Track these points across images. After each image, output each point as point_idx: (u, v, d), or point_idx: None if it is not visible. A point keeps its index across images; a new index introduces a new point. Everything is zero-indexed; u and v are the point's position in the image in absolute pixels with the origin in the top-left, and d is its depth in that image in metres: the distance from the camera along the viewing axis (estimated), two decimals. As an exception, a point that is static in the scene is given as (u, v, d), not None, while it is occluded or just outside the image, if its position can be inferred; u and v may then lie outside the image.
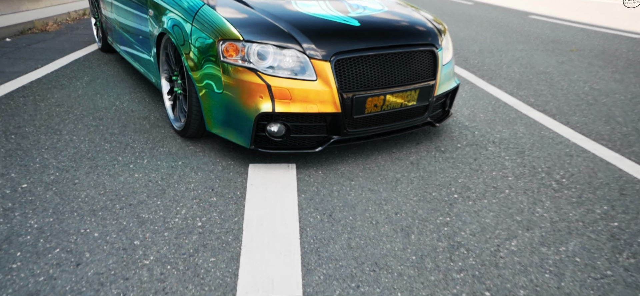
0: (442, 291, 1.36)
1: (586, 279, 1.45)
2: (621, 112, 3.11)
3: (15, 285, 1.32)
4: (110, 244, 1.52)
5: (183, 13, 2.17)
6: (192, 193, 1.86)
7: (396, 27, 2.17)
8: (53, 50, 4.26)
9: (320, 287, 1.36)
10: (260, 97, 1.86)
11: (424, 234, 1.65)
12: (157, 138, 2.40)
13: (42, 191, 1.84)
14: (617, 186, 2.07)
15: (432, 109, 2.31)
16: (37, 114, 2.67)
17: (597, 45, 5.67)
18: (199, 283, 1.36)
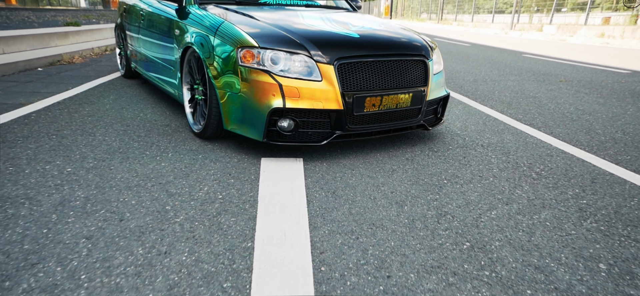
0: (429, 241, 1.60)
1: (553, 236, 1.67)
2: (601, 126, 3.38)
3: (73, 231, 1.58)
4: (146, 208, 1.78)
5: (206, 29, 2.54)
6: (212, 177, 2.13)
7: (392, 40, 2.51)
8: (80, 76, 4.67)
9: (325, 238, 1.60)
10: (273, 95, 2.17)
11: (416, 206, 1.89)
12: (179, 139, 2.70)
13: (84, 173, 2.12)
14: (589, 177, 2.31)
15: (424, 113, 2.61)
16: (73, 122, 2.99)
17: (585, 77, 6.03)
18: (223, 233, 1.61)
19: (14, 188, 1.93)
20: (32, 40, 5.30)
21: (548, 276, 1.42)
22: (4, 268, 1.37)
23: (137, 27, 3.91)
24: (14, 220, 1.65)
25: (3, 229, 1.59)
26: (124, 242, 1.53)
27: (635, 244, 1.64)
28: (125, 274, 1.35)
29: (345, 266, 1.44)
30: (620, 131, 3.24)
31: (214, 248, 1.51)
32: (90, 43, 6.43)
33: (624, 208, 1.94)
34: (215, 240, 1.57)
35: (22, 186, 1.95)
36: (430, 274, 1.41)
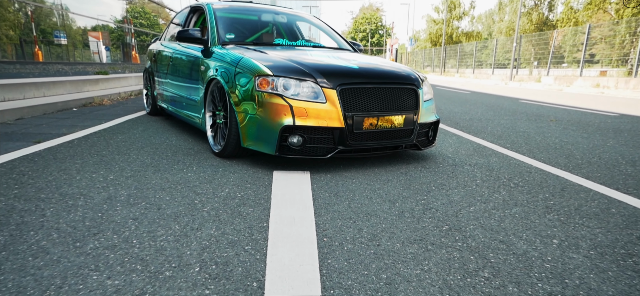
0: (414, 225, 1.93)
1: (519, 223, 1.99)
2: (580, 153, 3.72)
3: (122, 215, 1.95)
4: (178, 202, 2.14)
5: (228, 64, 3.01)
6: (232, 182, 2.50)
7: (386, 71, 2.95)
8: (111, 114, 5.18)
9: (327, 222, 1.94)
10: (284, 115, 2.59)
11: (405, 203, 2.23)
12: (202, 158, 3.09)
13: (124, 180, 2.50)
14: (560, 186, 2.64)
15: (417, 134, 2.99)
16: (109, 145, 3.42)
17: (574, 118, 6.41)
18: (243, 218, 1.95)
19: (70, 188, 2.31)
20: (68, 86, 5.93)
21: (509, 246, 1.73)
22: (73, 235, 1.72)
23: (165, 69, 4.44)
24: (74, 208, 2.02)
25: (67, 213, 1.96)
26: (164, 222, 1.88)
27: (587, 229, 1.95)
28: (166, 240, 1.70)
29: (343, 238, 1.77)
30: (597, 156, 3.57)
31: (236, 226, 1.86)
32: (117, 89, 7.05)
33: (584, 207, 2.26)
34: (236, 222, 1.91)
35: (76, 187, 2.33)
36: (412, 244, 1.73)
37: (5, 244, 1.62)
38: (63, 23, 10.44)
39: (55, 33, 10.66)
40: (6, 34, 8.57)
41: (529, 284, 1.45)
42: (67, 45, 10.94)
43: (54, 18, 10.04)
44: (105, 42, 14.71)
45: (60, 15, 10.17)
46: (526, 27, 31.77)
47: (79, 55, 11.30)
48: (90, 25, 11.83)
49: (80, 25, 11.11)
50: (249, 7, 4.29)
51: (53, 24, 9.94)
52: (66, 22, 10.57)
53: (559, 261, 1.61)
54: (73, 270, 1.45)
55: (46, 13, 9.94)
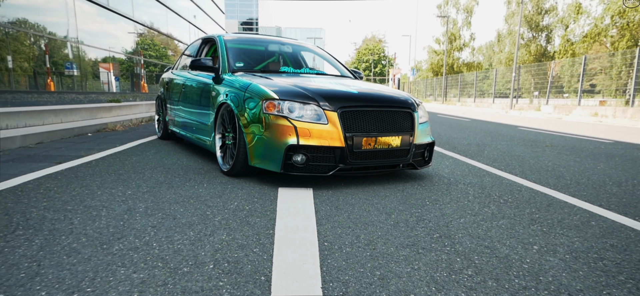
0: (407, 233, 2.11)
1: (504, 232, 2.17)
2: (570, 175, 3.90)
3: (142, 224, 2.15)
4: (191, 213, 2.35)
5: (237, 89, 3.26)
6: (240, 197, 2.70)
7: (383, 96, 3.19)
8: (124, 139, 5.44)
9: (328, 230, 2.13)
10: (289, 135, 2.81)
11: (401, 215, 2.41)
12: (211, 176, 3.31)
13: (141, 194, 2.71)
14: (546, 202, 2.82)
15: (413, 154, 3.20)
16: (125, 166, 3.65)
17: (569, 144, 6.61)
18: (251, 226, 2.15)
19: (92, 201, 2.53)
20: (84, 113, 6.24)
21: (493, 250, 1.91)
22: (99, 239, 1.93)
23: (177, 96, 4.72)
24: (98, 218, 2.23)
25: (92, 221, 2.16)
26: (179, 229, 2.08)
27: (566, 238, 2.12)
28: (183, 244, 1.89)
29: (343, 243, 1.96)
30: (586, 178, 3.75)
31: (245, 233, 2.05)
32: (129, 115, 7.36)
33: (566, 219, 2.43)
34: (245, 229, 2.10)
35: (98, 201, 2.55)
36: (405, 248, 1.91)
37: (41, 246, 1.82)
38: (76, 55, 10.86)
39: (67, 65, 11.15)
40: (20, 66, 9.07)
41: (506, 280, 1.62)
42: (78, 76, 11.40)
43: (66, 50, 10.53)
44: (115, 73, 15.19)
45: (73, 47, 10.61)
46: (525, 58, 32.40)
47: (89, 85, 11.70)
48: (101, 56, 12.24)
49: (92, 57, 11.52)
50: (256, 38, 4.60)
51: (65, 56, 10.43)
52: (78, 54, 10.99)
53: (536, 263, 1.79)
54: (103, 266, 1.64)
55: (59, 45, 10.39)
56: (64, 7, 11.27)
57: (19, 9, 9.54)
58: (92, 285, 1.49)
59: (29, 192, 2.70)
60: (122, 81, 16.06)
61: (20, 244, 1.83)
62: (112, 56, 14.80)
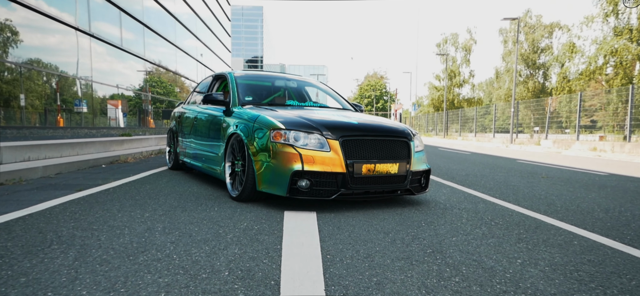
0: (403, 249, 2.32)
1: (492, 249, 2.38)
2: (561, 203, 4.10)
3: (161, 240, 2.38)
4: (205, 232, 2.57)
5: (247, 121, 3.55)
6: (249, 218, 2.92)
7: (382, 126, 3.46)
8: (136, 170, 5.71)
9: (331, 246, 2.34)
10: (295, 161, 3.07)
11: (398, 234, 2.62)
12: (221, 201, 3.54)
13: (158, 216, 2.94)
14: (534, 224, 3.02)
15: (410, 180, 3.43)
16: (141, 192, 3.89)
17: (565, 176, 6.81)
18: (260, 243, 2.37)
19: (115, 222, 2.76)
20: (98, 146, 6.56)
21: (480, 263, 2.12)
22: (126, 252, 2.15)
23: (189, 129, 5.03)
24: (122, 235, 2.46)
25: (117, 238, 2.39)
26: (195, 244, 2.30)
27: (548, 254, 2.32)
28: (200, 256, 2.11)
29: (343, 256, 2.17)
30: (575, 205, 3.95)
31: (255, 248, 2.27)
32: (140, 148, 7.68)
33: (551, 239, 2.63)
34: (255, 245, 2.32)
35: (120, 221, 2.78)
36: (400, 261, 2.12)
37: (76, 258, 2.05)
38: (85, 93, 11.33)
39: (76, 102, 11.65)
40: (32, 104, 9.53)
41: (489, 286, 1.82)
42: (86, 113, 11.88)
43: (75, 87, 11.00)
44: (123, 109, 15.70)
45: (82, 85, 11.07)
46: (523, 94, 33.03)
47: (97, 121, 12.15)
48: (110, 93, 12.73)
49: (100, 95, 11.98)
50: (264, 75, 4.94)
51: (74, 93, 10.90)
52: (87, 91, 11.48)
53: (517, 273, 1.99)
54: (131, 272, 1.86)
55: (70, 83, 10.88)
56: (79, 48, 11.86)
57: (33, 49, 10.06)
58: (125, 286, 1.71)
59: (57, 214, 2.94)
60: (130, 117, 16.53)
61: (57, 256, 2.05)
62: (121, 93, 15.34)
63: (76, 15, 11.22)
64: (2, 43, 9.35)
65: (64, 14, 10.73)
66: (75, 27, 11.17)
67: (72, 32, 11.21)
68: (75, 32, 11.24)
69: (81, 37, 11.76)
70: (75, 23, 11.10)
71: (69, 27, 10.87)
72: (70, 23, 10.84)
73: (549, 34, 33.83)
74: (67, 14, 10.84)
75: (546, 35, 33.86)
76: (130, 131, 11.06)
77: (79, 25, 11.50)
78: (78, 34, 11.47)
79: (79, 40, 11.73)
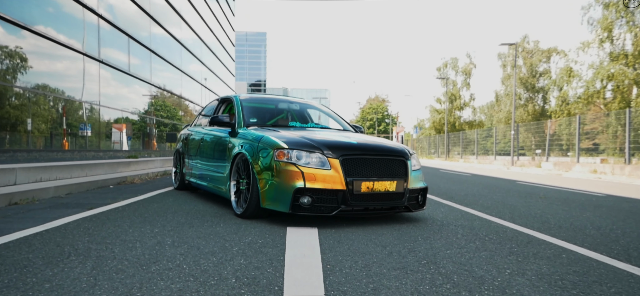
0: (399, 260, 2.46)
1: (484, 261, 2.51)
2: (555, 220, 4.22)
3: (171, 252, 2.53)
4: (212, 245, 2.72)
5: (252, 141, 3.74)
6: (254, 233, 3.07)
7: (380, 146, 3.63)
8: (143, 190, 5.88)
9: (331, 257, 2.48)
10: (297, 179, 3.23)
11: (394, 247, 2.76)
12: (226, 218, 3.69)
13: (167, 232, 3.10)
14: (526, 240, 3.15)
15: (407, 198, 3.58)
16: (149, 210, 4.05)
17: (562, 197, 6.93)
18: (264, 255, 2.51)
19: (127, 236, 2.91)
20: (105, 167, 6.77)
21: (470, 272, 2.25)
22: (139, 263, 2.30)
23: (195, 150, 5.22)
24: (134, 248, 2.61)
25: (130, 251, 2.54)
26: (204, 256, 2.45)
27: (536, 265, 2.46)
28: (208, 266, 2.26)
29: (343, 266, 2.31)
30: (569, 223, 4.07)
31: (259, 259, 2.42)
32: (146, 170, 7.87)
33: (541, 252, 2.76)
34: (259, 256, 2.47)
35: (131, 236, 2.93)
36: (395, 270, 2.26)
37: (93, 267, 2.20)
38: (90, 117, 11.65)
39: (81, 126, 11.93)
40: (38, 128, 9.79)
41: (478, 292, 1.96)
42: (90, 137, 12.18)
43: (81, 111, 11.27)
44: (127, 133, 15.98)
45: (87, 109, 11.41)
46: (523, 117, 33.32)
47: (102, 144, 12.43)
48: (114, 117, 13.04)
49: (105, 119, 12.26)
50: (268, 98, 5.16)
51: (79, 117, 11.17)
52: (93, 116, 11.80)
53: (505, 281, 2.12)
54: (146, 280, 2.01)
55: (76, 108, 11.17)
56: (88, 73, 12.21)
57: (43, 75, 10.37)
58: (140, 291, 1.85)
59: (71, 230, 3.10)
60: (134, 140, 16.78)
61: (76, 266, 2.20)
62: (125, 116, 15.63)
63: (83, 42, 11.60)
64: (13, 69, 9.67)
65: (72, 40, 11.11)
66: (83, 53, 11.54)
67: (81, 58, 11.58)
68: (83, 57, 11.61)
69: (91, 63, 12.13)
70: (83, 49, 11.47)
71: (77, 53, 11.23)
72: (78, 49, 11.21)
73: (547, 59, 34.37)
74: (75, 40, 11.22)
75: (544, 59, 34.39)
76: (136, 153, 11.28)
77: (87, 51, 11.88)
78: (86, 59, 11.84)
79: (89, 67, 12.10)
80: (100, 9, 12.68)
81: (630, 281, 2.19)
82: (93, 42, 12.37)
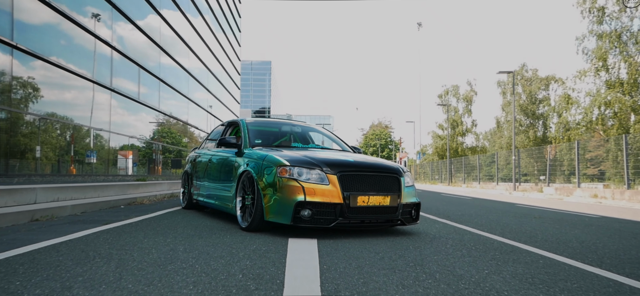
0: (389, 264, 2.73)
1: (467, 264, 2.77)
2: (543, 236, 4.46)
3: (185, 255, 2.82)
4: (221, 251, 3.00)
5: (257, 160, 4.06)
6: (258, 242, 3.35)
7: (375, 164, 3.94)
8: (153, 209, 6.18)
9: (328, 261, 2.75)
10: (298, 193, 3.53)
11: (386, 254, 3.03)
12: (233, 231, 3.97)
13: (178, 242, 3.38)
14: (510, 249, 3.40)
15: (400, 212, 3.86)
16: (160, 225, 4.34)
17: (556, 217, 7.14)
18: (268, 259, 2.79)
19: (143, 244, 3.20)
20: (116, 189, 7.11)
21: (451, 272, 2.52)
22: (156, 264, 2.59)
23: (203, 171, 5.55)
24: (150, 253, 2.90)
25: (147, 255, 2.83)
26: (213, 260, 2.73)
27: (513, 267, 2.71)
28: (217, 266, 2.54)
29: (338, 267, 2.58)
30: (555, 238, 4.31)
31: (263, 261, 2.69)
32: (154, 192, 8.19)
33: (520, 259, 3.02)
34: (263, 260, 2.74)
35: (147, 244, 3.22)
36: (385, 270, 2.53)
37: (117, 266, 2.49)
38: (96, 144, 12.13)
39: (88, 153, 12.40)
40: (46, 155, 10.22)
41: (455, 285, 2.22)
42: (96, 164, 12.65)
43: (88, 139, 11.73)
44: (134, 159, 16.40)
45: (94, 137, 11.89)
46: (525, 143, 33.57)
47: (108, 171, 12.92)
48: (120, 144, 13.47)
49: (111, 146, 12.68)
50: (272, 121, 5.52)
51: (86, 145, 11.62)
52: (99, 143, 12.29)
53: (482, 278, 2.39)
54: (164, 275, 2.30)
55: (83, 136, 11.64)
56: (100, 102, 12.73)
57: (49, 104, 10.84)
58: (161, 282, 2.14)
59: (93, 240, 3.39)
60: (140, 167, 17.17)
61: (102, 266, 2.50)
62: (131, 143, 16.07)
63: (93, 71, 12.16)
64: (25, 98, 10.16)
65: (82, 70, 11.67)
66: (93, 81, 12.08)
67: (91, 87, 12.10)
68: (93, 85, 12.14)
69: (103, 93, 12.67)
70: (93, 77, 12.01)
71: (87, 80, 11.76)
72: (88, 77, 11.75)
73: (546, 86, 34.91)
74: (85, 70, 11.78)
75: (543, 87, 34.92)
76: (145, 176, 11.63)
77: (99, 80, 12.43)
78: (98, 88, 12.37)
79: (101, 96, 12.63)
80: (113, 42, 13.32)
81: (593, 280, 2.44)
82: (106, 72, 12.94)
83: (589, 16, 23.18)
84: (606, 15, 22.61)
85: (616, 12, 22.05)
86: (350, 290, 2.10)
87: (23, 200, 4.89)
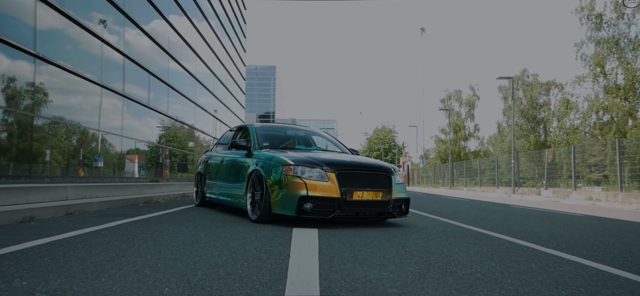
0: (377, 244, 3.28)
1: (445, 247, 3.32)
2: (522, 229, 4.98)
3: (206, 239, 3.39)
4: (236, 236, 3.56)
5: (265, 160, 4.62)
6: (267, 231, 3.90)
7: (369, 163, 4.49)
8: (169, 207, 6.77)
9: (326, 250, 3.31)
10: (301, 189, 4.09)
11: (376, 239, 3.57)
12: (244, 223, 4.53)
13: (199, 230, 3.95)
14: (484, 237, 3.94)
15: (391, 206, 4.41)
16: (179, 219, 4.91)
17: (543, 215, 7.63)
18: (277, 241, 3.35)
19: (169, 230, 3.77)
20: (134, 189, 7.73)
21: (426, 249, 3.06)
22: (184, 243, 3.16)
23: (215, 171, 6.12)
24: (177, 237, 3.46)
25: (175, 238, 3.40)
26: (231, 241, 3.29)
27: (479, 247, 3.25)
28: (234, 245, 3.10)
29: (333, 245, 3.13)
30: (529, 230, 4.83)
31: (273, 243, 3.25)
32: (167, 192, 8.79)
33: (489, 243, 3.56)
34: (273, 242, 3.30)
35: (172, 231, 3.79)
36: (372, 249, 3.08)
37: (154, 245, 3.06)
38: (103, 149, 12.81)
39: (95, 157, 13.05)
40: (55, 159, 10.85)
41: (427, 258, 2.77)
42: (103, 167, 13.31)
43: (95, 143, 12.38)
44: (140, 163, 17.04)
45: (101, 141, 12.57)
46: (526, 147, 33.97)
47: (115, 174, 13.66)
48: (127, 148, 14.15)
49: (118, 150, 13.29)
50: (278, 126, 6.10)
51: (93, 149, 12.24)
52: (106, 147, 13.00)
53: (450, 253, 2.93)
54: (193, 251, 2.86)
55: (90, 140, 12.33)
56: (113, 107, 13.39)
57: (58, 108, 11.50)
58: (192, 255, 2.70)
59: (126, 227, 3.97)
60: (146, 171, 17.80)
61: (142, 244, 3.07)
62: (144, 146, 16.71)
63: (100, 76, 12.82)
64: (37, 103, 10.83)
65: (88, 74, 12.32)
66: (102, 85, 12.73)
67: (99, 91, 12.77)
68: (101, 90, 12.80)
69: (116, 99, 13.33)
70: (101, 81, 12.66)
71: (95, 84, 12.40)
72: (95, 81, 12.39)
73: (546, 91, 35.35)
74: (92, 75, 12.44)
75: (544, 92, 35.36)
76: (158, 178, 12.25)
77: (111, 86, 13.09)
78: (108, 93, 13.04)
79: (114, 101, 13.29)
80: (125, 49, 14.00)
81: (540, 256, 2.98)
82: (118, 79, 13.61)
83: (588, 23, 23.66)
84: (604, 22, 23.07)
85: (614, 19, 22.51)
86: (342, 259, 2.66)
87: (57, 197, 5.48)
